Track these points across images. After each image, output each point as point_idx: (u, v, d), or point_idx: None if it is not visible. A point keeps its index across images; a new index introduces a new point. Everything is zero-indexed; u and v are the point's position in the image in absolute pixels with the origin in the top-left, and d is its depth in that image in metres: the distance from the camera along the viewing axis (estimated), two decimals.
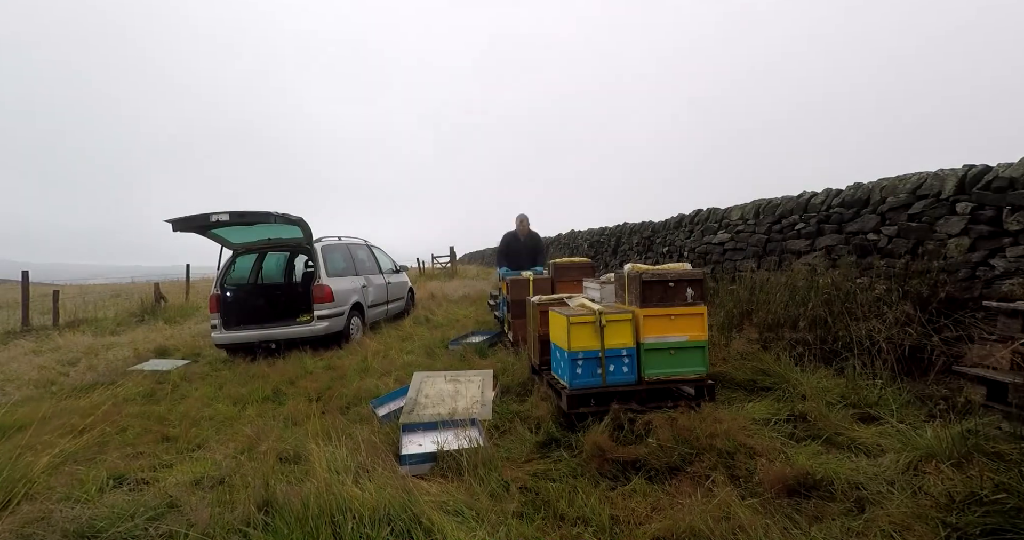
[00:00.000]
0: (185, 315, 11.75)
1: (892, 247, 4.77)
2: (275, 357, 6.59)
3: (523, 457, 3.03)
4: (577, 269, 6.02)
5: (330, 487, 2.34)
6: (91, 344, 8.35)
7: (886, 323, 3.88)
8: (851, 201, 5.27)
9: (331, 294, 7.02)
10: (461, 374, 4.35)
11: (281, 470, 2.90)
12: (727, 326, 5.14)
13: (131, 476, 3.12)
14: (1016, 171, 3.86)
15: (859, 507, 2.26)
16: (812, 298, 4.50)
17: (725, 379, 3.98)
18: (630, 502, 2.46)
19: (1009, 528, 1.90)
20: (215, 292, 7.08)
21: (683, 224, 8.52)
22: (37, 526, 2.36)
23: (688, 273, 3.54)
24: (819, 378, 3.69)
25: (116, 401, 4.96)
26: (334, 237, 8.21)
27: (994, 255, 3.97)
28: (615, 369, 3.46)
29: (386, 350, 6.46)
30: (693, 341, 3.49)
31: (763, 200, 6.73)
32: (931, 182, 4.48)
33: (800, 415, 3.24)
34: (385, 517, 2.19)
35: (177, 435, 3.93)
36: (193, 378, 5.99)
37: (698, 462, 2.73)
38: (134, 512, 2.42)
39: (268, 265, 8.62)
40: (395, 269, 10.04)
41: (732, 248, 7.12)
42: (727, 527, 2.14)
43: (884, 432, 2.89)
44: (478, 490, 2.57)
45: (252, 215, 6.43)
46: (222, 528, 2.21)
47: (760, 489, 2.43)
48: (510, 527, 2.23)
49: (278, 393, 5.07)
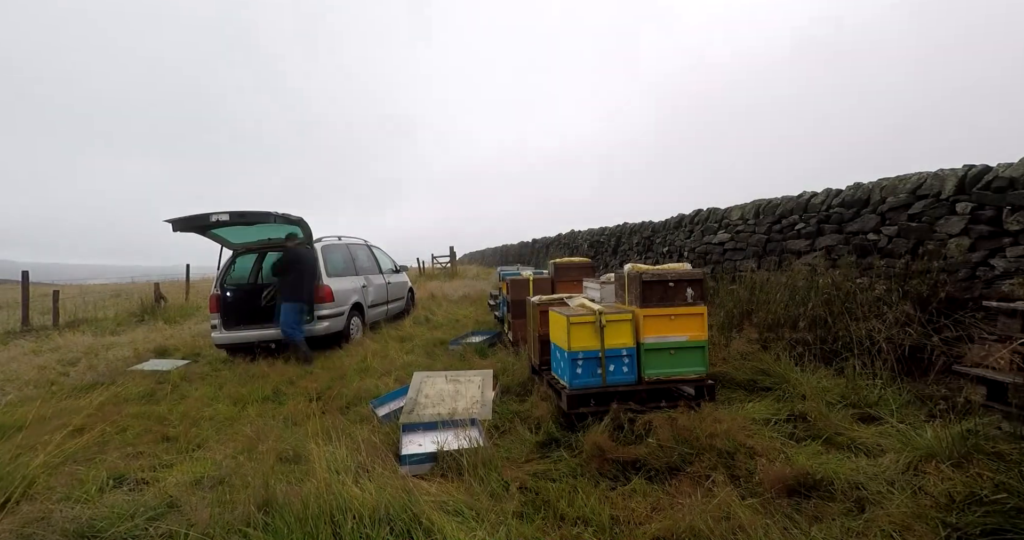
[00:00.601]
0: (185, 315, 11.74)
1: (892, 247, 4.77)
2: (275, 357, 6.59)
3: (523, 457, 3.03)
4: (577, 269, 6.03)
5: (330, 487, 2.34)
6: (91, 344, 8.34)
7: (886, 323, 3.88)
8: (851, 201, 5.27)
9: (331, 294, 7.01)
10: (461, 374, 4.35)
11: (281, 470, 2.90)
12: (727, 326, 5.14)
13: (131, 476, 3.12)
14: (1016, 171, 3.86)
15: (859, 507, 2.26)
16: (812, 298, 4.50)
17: (725, 379, 3.98)
18: (630, 502, 2.46)
19: (1009, 528, 1.90)
20: (215, 292, 7.08)
21: (683, 224, 8.52)
22: (37, 526, 2.36)
23: (688, 273, 3.54)
24: (819, 378, 3.69)
25: (116, 401, 4.95)
26: (334, 237, 8.21)
27: (994, 255, 3.97)
28: (615, 369, 3.46)
29: (386, 350, 6.46)
30: (693, 341, 3.49)
31: (763, 200, 6.73)
32: (931, 182, 4.48)
33: (800, 415, 3.24)
34: (385, 517, 2.19)
35: (177, 435, 3.92)
36: (193, 378, 5.99)
37: (698, 462, 2.73)
38: (134, 512, 2.42)
39: (268, 265, 8.62)
40: (395, 269, 10.04)
41: (732, 248, 7.12)
42: (727, 527, 2.14)
43: (884, 432, 2.89)
44: (478, 490, 2.57)
45: (252, 215, 6.43)
46: (222, 528, 2.21)
47: (760, 489, 2.43)
48: (510, 527, 2.23)
49: (278, 393, 5.07)
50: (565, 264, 6.13)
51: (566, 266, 6.10)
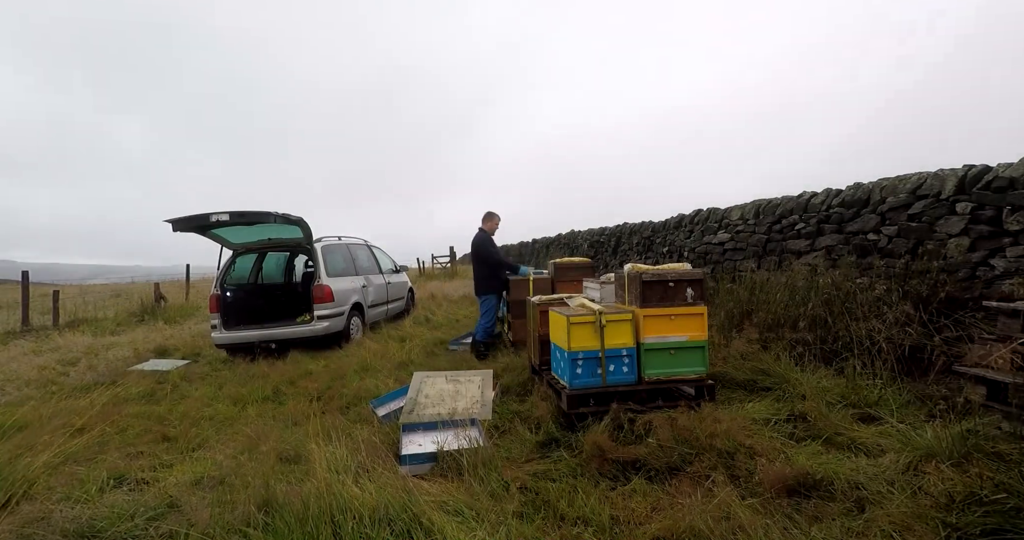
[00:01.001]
0: (185, 315, 11.75)
1: (892, 247, 4.77)
2: (275, 357, 6.59)
3: (523, 457, 3.03)
4: (577, 269, 6.03)
5: (330, 487, 2.34)
6: (91, 344, 8.34)
7: (886, 323, 3.88)
8: (851, 201, 5.27)
9: (331, 294, 7.01)
10: (461, 374, 4.35)
11: (281, 470, 2.90)
12: (727, 326, 5.14)
13: (131, 476, 3.12)
14: (1016, 171, 3.86)
15: (859, 507, 2.26)
16: (812, 298, 4.50)
17: (725, 379, 3.98)
18: (630, 502, 2.46)
19: (1009, 528, 1.90)
20: (215, 292, 7.08)
21: (683, 224, 8.52)
22: (37, 526, 2.36)
23: (688, 273, 3.54)
24: (819, 378, 3.69)
25: (116, 401, 4.96)
26: (334, 237, 8.22)
27: (994, 255, 3.97)
28: (615, 369, 3.46)
29: (386, 350, 6.46)
30: (693, 341, 3.49)
31: (763, 200, 6.73)
32: (931, 182, 4.48)
33: (800, 415, 3.24)
34: (385, 517, 2.19)
35: (177, 435, 3.92)
36: (193, 378, 5.99)
37: (698, 462, 2.73)
38: (134, 512, 2.42)
39: (268, 265, 8.62)
40: (395, 269, 10.04)
41: (732, 248, 7.12)
42: (727, 527, 2.14)
43: (884, 432, 2.89)
44: (478, 490, 2.57)
45: (252, 215, 6.44)
46: (222, 528, 2.21)
47: (760, 489, 2.43)
48: (510, 527, 2.23)
49: (278, 393, 5.07)
50: (565, 264, 6.13)
51: (566, 266, 6.10)
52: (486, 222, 6.26)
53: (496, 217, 6.32)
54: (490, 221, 6.28)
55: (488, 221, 6.27)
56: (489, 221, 6.27)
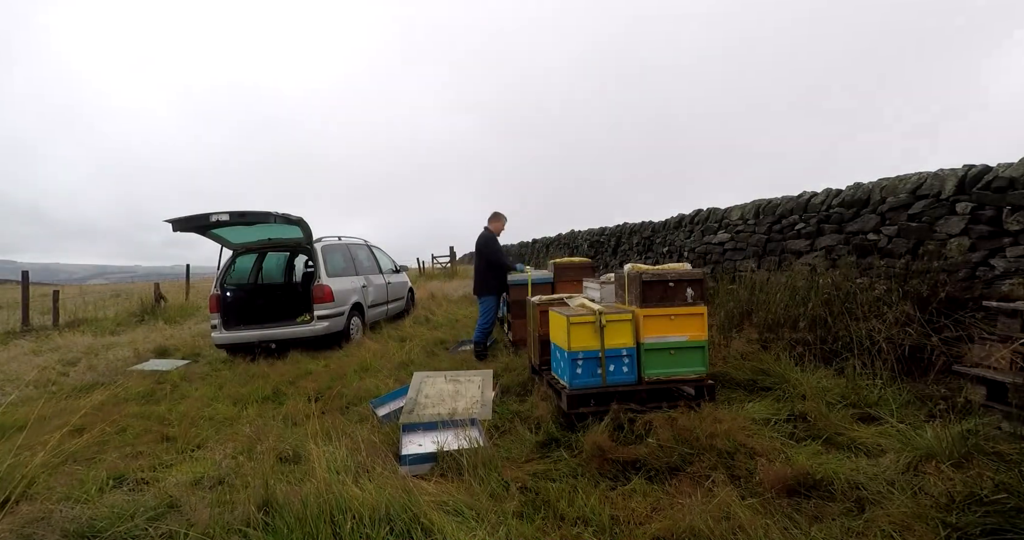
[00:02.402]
0: (185, 315, 11.75)
1: (892, 247, 4.77)
2: (275, 357, 6.59)
3: (523, 457, 3.03)
4: (577, 269, 6.03)
5: (330, 487, 2.34)
6: (91, 344, 8.34)
7: (886, 323, 3.88)
8: (851, 201, 5.27)
9: (331, 294, 7.02)
10: (461, 374, 4.35)
11: (281, 470, 2.90)
12: (727, 326, 5.14)
13: (131, 476, 3.12)
14: (1016, 171, 3.86)
15: (859, 507, 2.26)
16: (812, 298, 4.50)
17: (725, 379, 3.98)
18: (630, 502, 2.46)
19: (1009, 528, 1.90)
20: (215, 292, 7.08)
21: (683, 224, 8.52)
22: (37, 526, 2.36)
23: (688, 273, 3.54)
24: (819, 378, 3.69)
25: (116, 401, 4.96)
26: (334, 237, 8.22)
27: (994, 255, 3.97)
28: (615, 369, 3.46)
29: (386, 350, 6.46)
30: (693, 341, 3.49)
31: (763, 200, 6.73)
32: (931, 182, 4.48)
33: (800, 415, 3.24)
34: (385, 517, 2.19)
35: (177, 435, 3.92)
36: (193, 378, 5.99)
37: (698, 462, 2.73)
38: (134, 512, 2.42)
39: (268, 265, 8.62)
40: (395, 269, 10.04)
41: (732, 248, 7.12)
42: (727, 527, 2.14)
43: (884, 432, 2.89)
44: (478, 490, 2.57)
45: (252, 215, 6.44)
46: (222, 528, 2.21)
47: (760, 489, 2.43)
48: (510, 527, 2.23)
49: (278, 393, 5.07)
50: (565, 264, 6.13)
51: (566, 266, 6.10)
52: (492, 222, 6.18)
53: (503, 218, 6.22)
54: (496, 221, 6.18)
55: (494, 221, 6.18)
56: (495, 221, 6.18)
